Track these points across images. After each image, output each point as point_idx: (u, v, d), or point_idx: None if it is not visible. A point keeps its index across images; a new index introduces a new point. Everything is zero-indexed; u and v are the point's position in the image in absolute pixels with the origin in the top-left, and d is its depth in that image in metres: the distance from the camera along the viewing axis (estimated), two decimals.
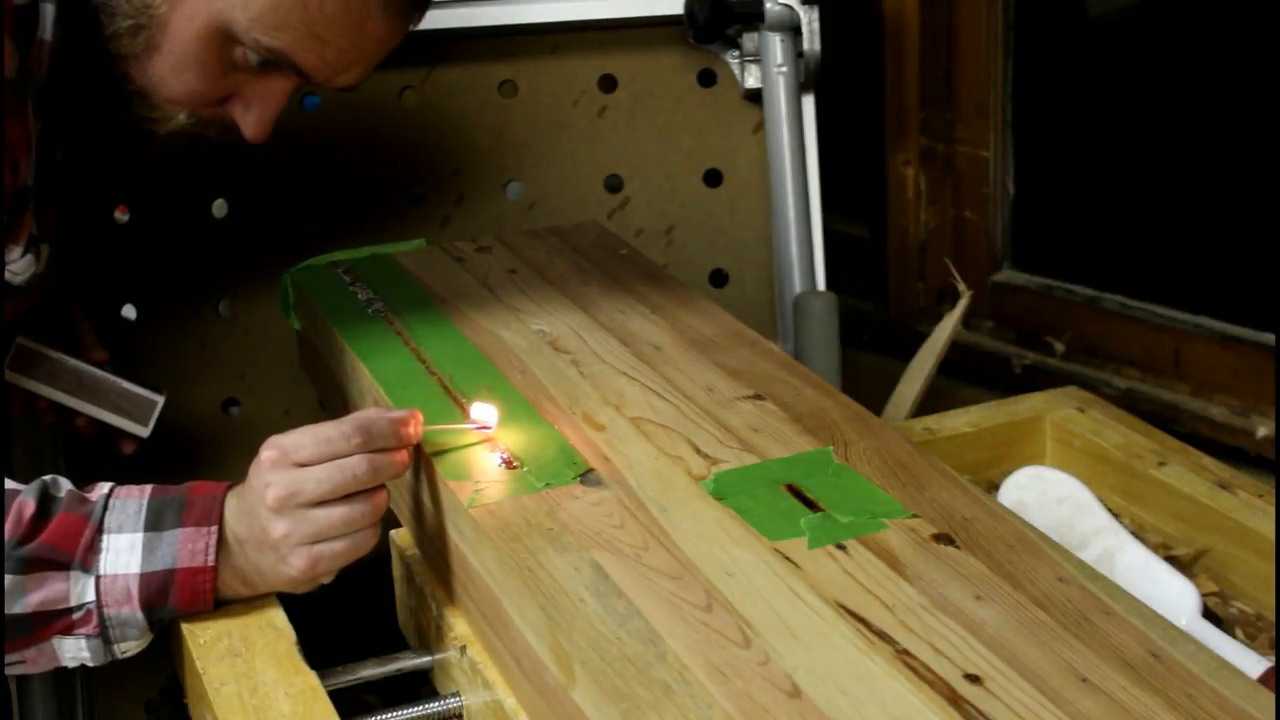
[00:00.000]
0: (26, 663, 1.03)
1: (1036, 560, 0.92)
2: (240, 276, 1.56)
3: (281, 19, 1.10)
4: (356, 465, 1.00)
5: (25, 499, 1.01)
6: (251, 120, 1.17)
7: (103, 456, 1.35)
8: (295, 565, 1.01)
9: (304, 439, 1.01)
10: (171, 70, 1.13)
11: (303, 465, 1.00)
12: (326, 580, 1.04)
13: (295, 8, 1.09)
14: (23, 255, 1.16)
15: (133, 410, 1.33)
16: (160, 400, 1.33)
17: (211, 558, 1.03)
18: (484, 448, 1.07)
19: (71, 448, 1.47)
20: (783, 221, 1.67)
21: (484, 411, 1.09)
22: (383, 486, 1.03)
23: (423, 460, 1.07)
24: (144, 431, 1.33)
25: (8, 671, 1.04)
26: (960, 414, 1.41)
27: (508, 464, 1.05)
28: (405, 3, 1.15)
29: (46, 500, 1.01)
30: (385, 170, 1.61)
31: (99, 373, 1.32)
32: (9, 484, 1.02)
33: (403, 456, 1.03)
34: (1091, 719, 0.77)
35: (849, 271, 2.05)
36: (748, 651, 0.83)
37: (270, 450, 1.01)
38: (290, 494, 0.99)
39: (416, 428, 1.04)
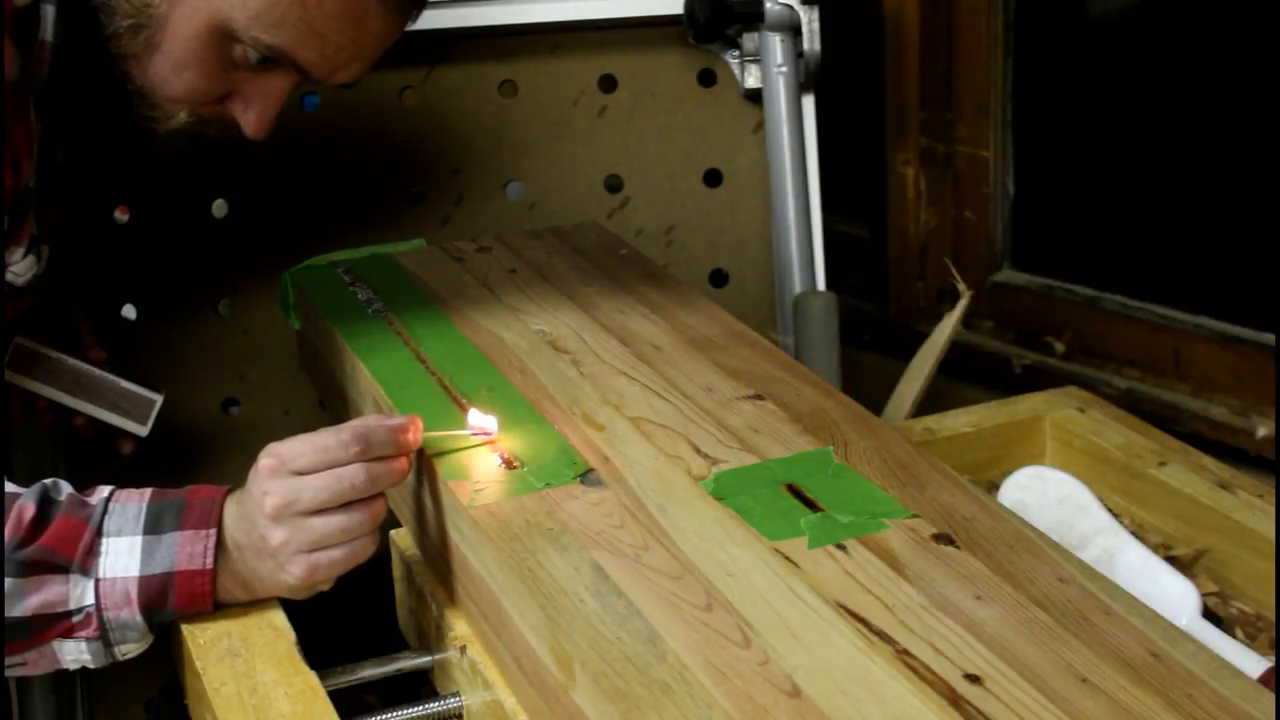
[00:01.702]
0: (27, 665, 1.03)
1: (1036, 560, 0.92)
2: (240, 276, 1.56)
3: (281, 16, 1.10)
4: (354, 474, 1.00)
5: (25, 502, 1.01)
6: (251, 118, 1.17)
7: (103, 459, 1.35)
8: (293, 573, 1.01)
9: (302, 447, 1.00)
10: (172, 69, 1.14)
11: (300, 474, 1.00)
12: (325, 588, 1.04)
13: (294, 4, 1.10)
14: (24, 256, 1.16)
15: (131, 409, 1.33)
16: (159, 399, 1.33)
17: (210, 560, 1.03)
18: (484, 447, 1.07)
19: (71, 450, 1.48)
20: (783, 221, 1.67)
21: (484, 419, 1.08)
22: (381, 495, 1.03)
23: (423, 461, 1.07)
24: (143, 430, 1.33)
25: (8, 673, 1.04)
26: (960, 414, 1.41)
27: (508, 464, 1.05)
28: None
29: (46, 504, 1.01)
30: (385, 170, 1.61)
31: (97, 372, 1.32)
32: (9, 487, 1.02)
33: (401, 464, 1.03)
34: (1091, 719, 0.77)
35: (849, 271, 2.05)
36: (748, 651, 0.83)
37: (268, 458, 1.01)
38: (288, 502, 0.99)
39: (416, 435, 1.04)
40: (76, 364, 1.31)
